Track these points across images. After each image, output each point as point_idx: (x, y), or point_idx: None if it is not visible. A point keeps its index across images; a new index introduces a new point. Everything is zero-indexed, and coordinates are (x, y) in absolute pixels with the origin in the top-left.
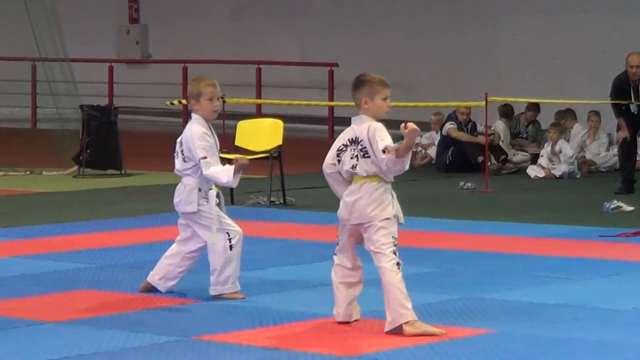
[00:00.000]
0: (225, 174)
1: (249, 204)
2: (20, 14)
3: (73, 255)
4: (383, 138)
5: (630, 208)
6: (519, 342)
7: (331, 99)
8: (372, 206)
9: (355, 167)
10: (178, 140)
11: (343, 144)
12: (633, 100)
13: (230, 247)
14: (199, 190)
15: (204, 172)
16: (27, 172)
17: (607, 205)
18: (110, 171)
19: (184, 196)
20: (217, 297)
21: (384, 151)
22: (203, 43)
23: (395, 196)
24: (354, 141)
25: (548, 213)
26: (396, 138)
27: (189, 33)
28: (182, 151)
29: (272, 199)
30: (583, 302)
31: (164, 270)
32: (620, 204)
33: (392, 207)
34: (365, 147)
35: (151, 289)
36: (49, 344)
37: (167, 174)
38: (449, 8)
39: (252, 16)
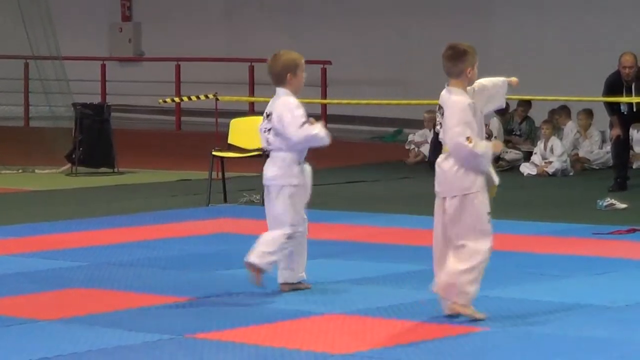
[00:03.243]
0: (320, 129)
1: (242, 202)
2: (13, 12)
3: (66, 253)
4: None
5: (623, 205)
6: (512, 339)
7: (324, 96)
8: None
9: None
10: (265, 115)
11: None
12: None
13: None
14: (298, 163)
15: (308, 134)
16: (20, 170)
17: (600, 203)
18: (103, 169)
19: (285, 170)
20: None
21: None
22: (196, 41)
23: None
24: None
25: (541, 210)
26: (390, 136)
27: (181, 31)
28: (269, 128)
29: None
30: (576, 299)
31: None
32: (613, 201)
33: None
34: None
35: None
36: (42, 342)
37: (160, 172)
38: (443, 5)
39: (244, 14)
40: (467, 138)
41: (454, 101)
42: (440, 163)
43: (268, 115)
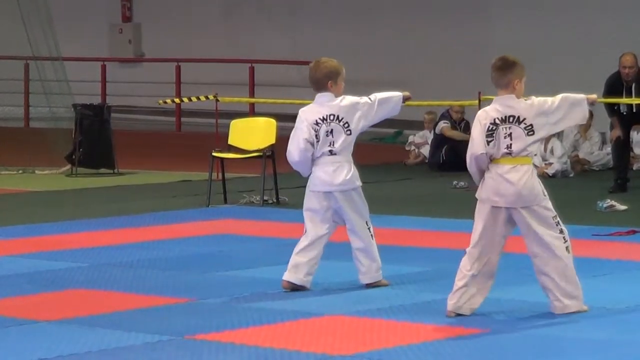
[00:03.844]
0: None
1: (242, 203)
2: (13, 13)
3: (66, 254)
4: None
5: (624, 207)
6: (512, 341)
7: None
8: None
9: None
10: (318, 120)
11: (491, 123)
12: (626, 100)
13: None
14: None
15: (385, 96)
16: (20, 171)
17: (600, 204)
18: (103, 170)
19: (354, 171)
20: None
21: None
22: (196, 42)
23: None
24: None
25: None
26: (390, 137)
27: (181, 32)
28: (330, 131)
29: (265, 197)
30: None
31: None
32: (613, 202)
33: None
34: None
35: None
36: (41, 343)
37: (160, 173)
38: (443, 5)
39: (244, 15)
40: None
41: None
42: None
43: (324, 119)
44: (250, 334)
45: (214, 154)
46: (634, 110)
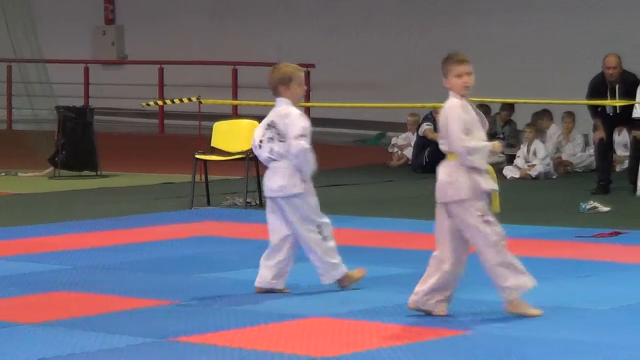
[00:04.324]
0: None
1: (225, 205)
2: None
3: (49, 256)
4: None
5: (606, 208)
6: (495, 342)
7: (308, 99)
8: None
9: None
10: (265, 126)
11: None
12: (609, 101)
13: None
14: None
15: (303, 147)
16: (3, 174)
17: (583, 206)
18: (85, 172)
19: (291, 178)
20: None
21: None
22: (179, 44)
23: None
24: None
25: (524, 213)
26: (373, 139)
27: (165, 34)
28: (271, 137)
29: (248, 200)
30: (559, 303)
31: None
32: (596, 204)
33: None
34: None
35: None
36: (24, 345)
37: (143, 175)
38: (425, 9)
39: (228, 17)
40: None
41: None
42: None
43: (269, 125)
44: (233, 336)
45: (197, 156)
46: (618, 112)
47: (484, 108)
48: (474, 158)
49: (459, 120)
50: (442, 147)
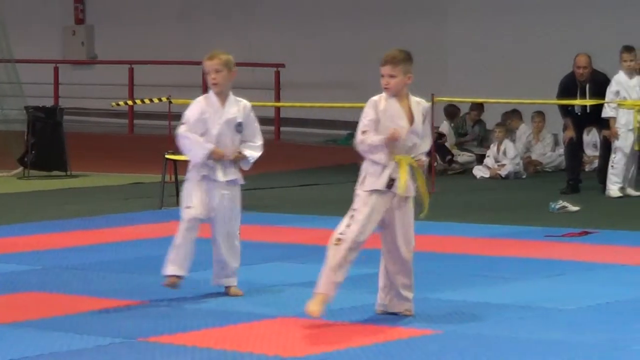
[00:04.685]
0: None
1: None
2: None
3: (18, 257)
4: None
5: (576, 208)
6: (465, 342)
7: (278, 99)
8: None
9: None
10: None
11: None
12: (579, 101)
13: None
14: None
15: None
16: None
17: (553, 205)
18: (55, 172)
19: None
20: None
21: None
22: (149, 44)
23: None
24: None
25: (494, 213)
26: (343, 139)
27: (135, 34)
28: None
29: None
30: (529, 302)
31: None
32: (565, 204)
33: None
34: None
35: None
36: None
37: (112, 175)
38: (397, 8)
39: (198, 17)
40: None
41: None
42: None
43: None
44: (202, 336)
45: (166, 156)
46: (588, 111)
47: (451, 108)
48: (365, 151)
49: (362, 118)
50: None
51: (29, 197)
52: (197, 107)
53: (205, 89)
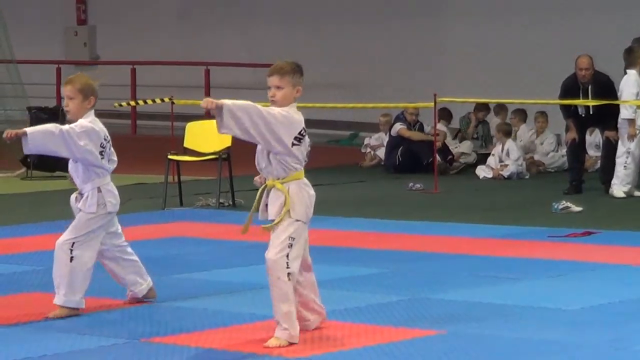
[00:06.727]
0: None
1: (197, 206)
2: None
3: (21, 257)
4: None
5: (579, 208)
6: (468, 343)
7: None
8: None
9: None
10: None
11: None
12: (582, 101)
13: None
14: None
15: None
16: None
17: (556, 206)
18: (58, 173)
19: None
20: None
21: None
22: (151, 44)
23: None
24: None
25: (496, 213)
26: (345, 140)
27: (137, 34)
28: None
29: (221, 200)
30: (531, 302)
31: None
32: (568, 204)
33: None
34: None
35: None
36: None
37: (115, 176)
38: (399, 9)
39: (200, 17)
40: None
41: None
42: None
43: None
44: (205, 336)
45: (169, 156)
46: (591, 113)
47: (445, 111)
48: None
49: None
50: None
51: (32, 197)
52: None
53: (207, 91)
